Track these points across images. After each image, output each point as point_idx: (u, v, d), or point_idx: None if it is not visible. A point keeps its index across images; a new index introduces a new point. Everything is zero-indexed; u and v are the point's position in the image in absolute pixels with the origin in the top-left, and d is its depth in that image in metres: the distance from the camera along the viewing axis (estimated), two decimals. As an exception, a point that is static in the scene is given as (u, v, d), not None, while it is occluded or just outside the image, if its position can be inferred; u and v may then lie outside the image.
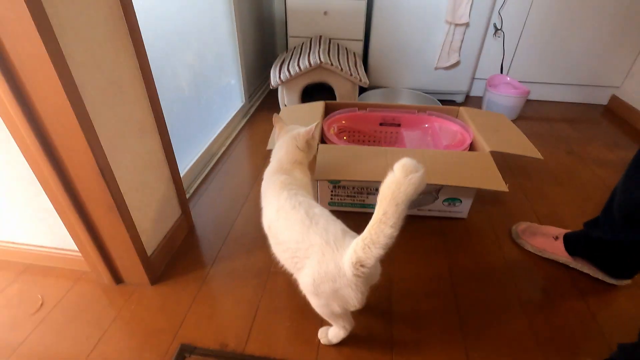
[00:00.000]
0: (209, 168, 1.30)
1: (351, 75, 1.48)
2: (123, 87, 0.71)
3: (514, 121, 1.69)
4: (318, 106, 1.19)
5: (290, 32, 1.81)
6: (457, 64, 1.68)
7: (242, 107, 1.65)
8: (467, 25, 1.56)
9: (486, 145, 0.96)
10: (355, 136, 1.22)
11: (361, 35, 1.76)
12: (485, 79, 1.84)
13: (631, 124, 1.70)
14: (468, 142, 1.03)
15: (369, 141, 1.23)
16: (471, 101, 1.88)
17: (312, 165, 0.88)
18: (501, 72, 1.80)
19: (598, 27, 1.64)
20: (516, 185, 1.24)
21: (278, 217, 0.65)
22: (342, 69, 1.46)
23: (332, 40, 1.74)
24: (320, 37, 1.74)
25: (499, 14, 1.64)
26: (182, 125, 1.16)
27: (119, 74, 0.69)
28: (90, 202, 0.70)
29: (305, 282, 0.62)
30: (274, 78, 1.50)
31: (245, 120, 1.66)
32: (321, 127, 1.08)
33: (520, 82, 1.79)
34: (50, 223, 0.80)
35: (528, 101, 1.81)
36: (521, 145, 0.99)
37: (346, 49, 1.75)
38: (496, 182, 0.83)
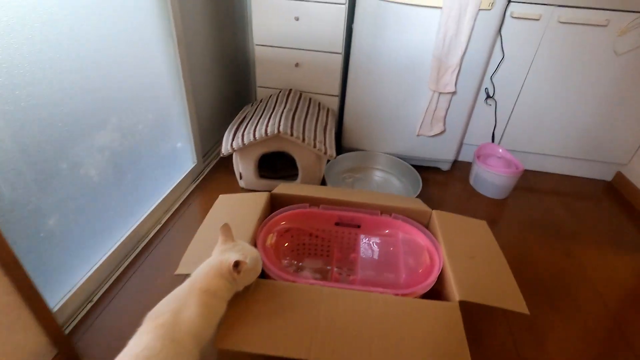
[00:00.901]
0: (130, 259, 1.08)
1: (315, 146, 1.27)
2: None
3: (504, 200, 1.47)
4: (261, 199, 0.97)
5: (258, 82, 1.61)
6: (441, 132, 1.47)
7: (193, 169, 1.44)
8: (453, 93, 1.36)
9: (456, 289, 0.74)
10: (303, 240, 1.00)
11: (337, 91, 1.56)
12: (475, 145, 1.64)
13: (638, 210, 1.49)
14: (436, 272, 0.81)
15: (321, 244, 1.01)
16: (459, 168, 1.67)
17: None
18: (492, 140, 1.59)
19: (604, 98, 1.44)
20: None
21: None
22: (304, 139, 1.25)
23: (303, 95, 1.54)
24: (290, 91, 1.54)
25: (491, 80, 1.44)
26: (90, 219, 0.94)
27: None
28: None
29: None
30: (226, 145, 1.29)
31: (195, 184, 1.44)
32: (254, 241, 0.86)
33: (513, 151, 1.59)
34: None
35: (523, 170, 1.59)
36: (501, 289, 0.77)
37: (319, 105, 1.55)
38: (460, 367, 0.61)
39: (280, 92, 1.55)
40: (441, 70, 1.29)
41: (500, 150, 1.54)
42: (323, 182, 1.40)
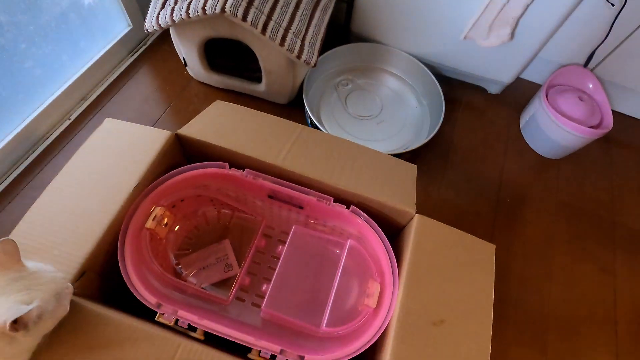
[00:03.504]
0: (20, 168, 0.83)
1: (283, 43, 0.79)
2: None
3: (555, 162, 1.02)
4: (157, 140, 0.62)
5: None
6: (502, 43, 0.90)
7: (127, 35, 1.01)
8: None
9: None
10: (210, 214, 0.69)
11: None
12: (554, 63, 1.05)
13: None
14: (372, 333, 0.53)
15: (240, 223, 0.70)
16: (513, 92, 1.12)
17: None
18: (585, 64, 1.00)
19: None
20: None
21: None
22: (265, 28, 0.77)
23: None
24: None
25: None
26: None
27: None
28: None
29: None
30: (150, 17, 0.83)
31: (132, 57, 1.04)
32: (131, 211, 0.57)
33: (611, 82, 1.01)
34: None
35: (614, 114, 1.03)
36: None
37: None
38: None
39: None
40: None
41: (591, 85, 0.97)
42: (302, 90, 0.97)
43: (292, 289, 0.62)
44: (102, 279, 0.56)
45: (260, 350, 0.50)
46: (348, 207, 0.62)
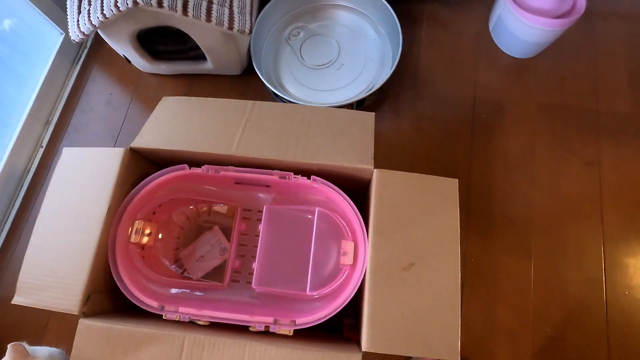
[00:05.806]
0: (16, 207, 0.89)
1: (210, 18, 0.74)
2: None
3: (531, 60, 0.96)
4: (113, 161, 0.64)
5: None
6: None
7: (63, 44, 0.97)
8: None
9: (365, 331, 0.53)
10: (184, 218, 0.72)
11: None
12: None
13: None
14: (350, 289, 0.58)
15: (219, 218, 0.73)
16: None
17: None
18: (550, -59, 0.87)
19: None
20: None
21: None
22: (185, 9, 0.72)
23: None
24: None
25: None
26: None
27: None
28: None
29: None
30: (72, 26, 0.78)
31: (79, 65, 1.02)
32: (113, 231, 0.61)
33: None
34: None
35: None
36: (434, 328, 0.54)
37: None
38: None
39: None
40: None
41: (557, -36, 0.86)
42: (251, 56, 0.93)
43: (276, 261, 0.67)
44: (112, 296, 0.63)
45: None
46: (309, 178, 0.63)
